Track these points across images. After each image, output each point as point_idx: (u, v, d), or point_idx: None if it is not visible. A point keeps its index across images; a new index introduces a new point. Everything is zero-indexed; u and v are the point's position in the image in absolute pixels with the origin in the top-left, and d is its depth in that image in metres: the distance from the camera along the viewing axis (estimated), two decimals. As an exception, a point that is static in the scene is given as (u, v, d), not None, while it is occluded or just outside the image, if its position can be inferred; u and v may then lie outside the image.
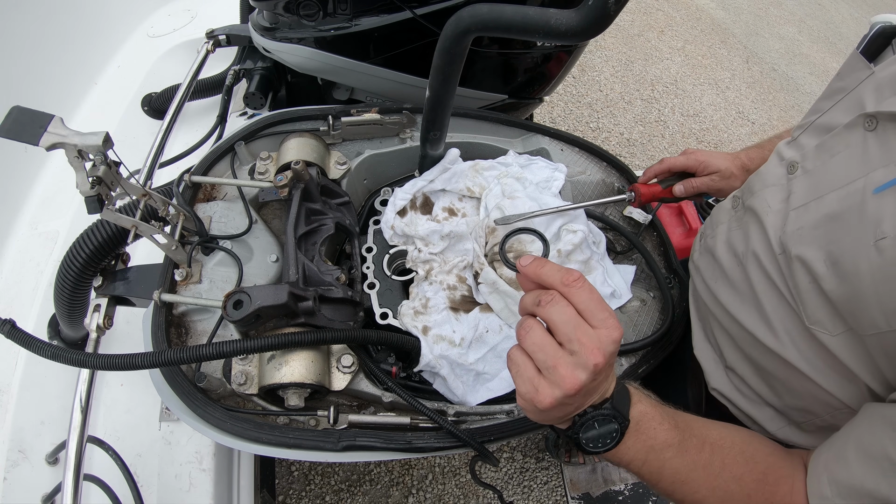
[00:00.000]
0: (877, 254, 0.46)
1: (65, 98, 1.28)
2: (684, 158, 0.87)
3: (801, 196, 0.59)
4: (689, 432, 0.53)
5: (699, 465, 0.52)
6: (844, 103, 0.59)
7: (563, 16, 0.51)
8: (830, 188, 0.55)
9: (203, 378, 0.66)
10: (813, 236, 0.55)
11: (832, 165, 0.57)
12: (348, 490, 1.57)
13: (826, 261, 0.52)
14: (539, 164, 0.95)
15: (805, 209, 0.57)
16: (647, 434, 0.51)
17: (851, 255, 0.49)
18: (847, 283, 0.49)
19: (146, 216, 0.69)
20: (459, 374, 0.73)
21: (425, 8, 0.94)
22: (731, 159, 0.85)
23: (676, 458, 0.51)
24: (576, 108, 2.84)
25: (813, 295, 0.54)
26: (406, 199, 0.87)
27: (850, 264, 0.49)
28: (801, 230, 0.57)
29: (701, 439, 0.53)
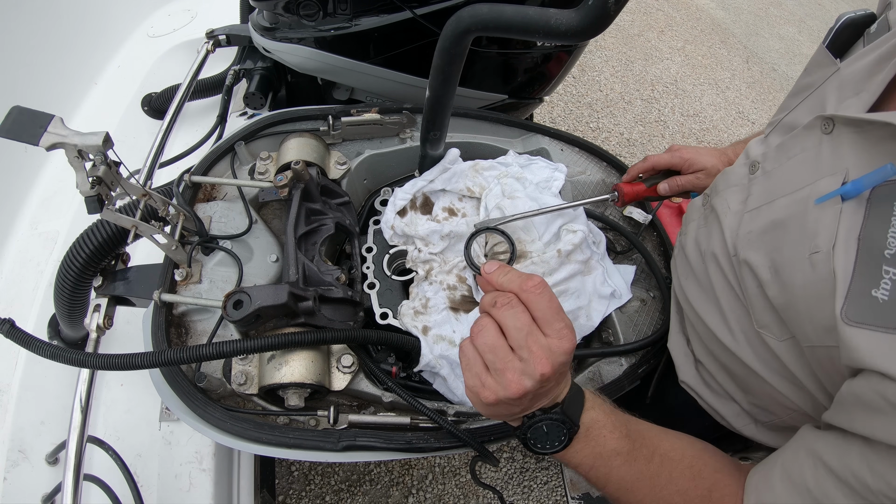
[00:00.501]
0: (810, 268, 0.46)
1: (65, 98, 1.28)
2: (669, 156, 0.85)
3: (757, 199, 0.58)
4: (640, 442, 0.53)
5: (646, 475, 0.52)
6: (809, 101, 0.58)
7: (563, 16, 0.51)
8: (782, 193, 0.54)
9: (203, 378, 0.66)
10: (760, 241, 0.54)
11: (787, 169, 0.55)
12: (348, 490, 1.57)
13: (770, 267, 0.51)
14: (539, 164, 0.95)
15: (757, 213, 0.57)
16: (596, 441, 0.51)
17: (790, 265, 0.48)
18: (786, 293, 0.49)
19: (146, 216, 0.69)
20: (459, 374, 0.73)
21: (425, 8, 0.94)
22: (718, 155, 0.83)
23: (624, 466, 0.52)
24: (576, 108, 2.83)
25: (759, 299, 0.53)
26: (406, 199, 0.87)
27: (788, 275, 0.48)
28: (750, 234, 0.56)
29: (651, 450, 0.53)
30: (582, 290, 0.81)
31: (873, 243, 0.42)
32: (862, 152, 0.47)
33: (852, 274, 0.42)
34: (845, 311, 0.42)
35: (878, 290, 0.40)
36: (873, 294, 0.40)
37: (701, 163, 0.82)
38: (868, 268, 0.42)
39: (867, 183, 0.43)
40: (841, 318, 0.41)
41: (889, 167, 0.42)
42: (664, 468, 0.53)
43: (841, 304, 0.42)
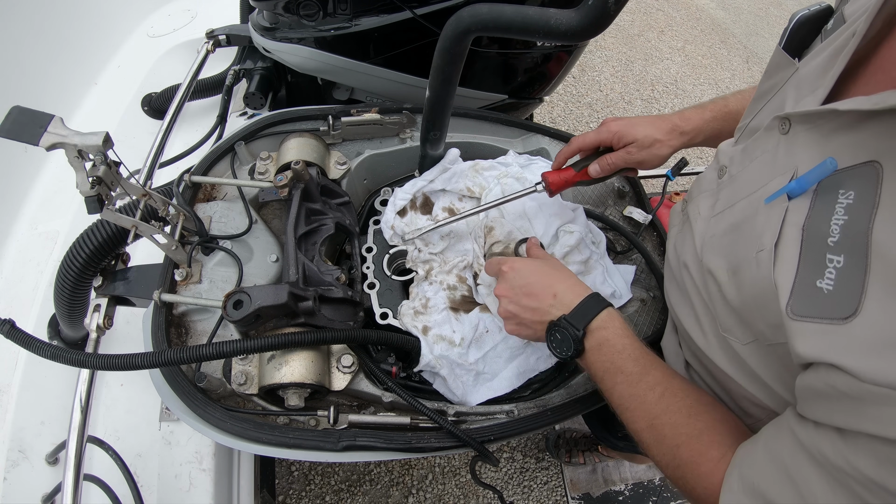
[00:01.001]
0: (756, 266, 0.46)
1: (65, 98, 1.28)
2: (595, 133, 0.78)
3: (722, 203, 0.58)
4: (647, 371, 0.58)
5: (644, 401, 0.56)
6: (771, 104, 0.57)
7: (563, 16, 0.51)
8: (741, 196, 0.54)
9: (203, 378, 0.66)
10: (720, 245, 0.54)
11: (749, 172, 0.55)
12: (348, 490, 1.57)
13: (728, 270, 0.52)
14: (539, 164, 0.95)
15: (720, 217, 0.57)
16: (605, 356, 0.60)
17: (744, 266, 0.48)
18: (741, 294, 0.49)
19: (146, 216, 0.69)
20: (459, 374, 0.73)
21: (425, 8, 0.94)
22: (658, 123, 0.76)
23: (625, 386, 0.58)
24: (576, 108, 2.83)
25: (721, 304, 0.54)
26: (406, 199, 0.87)
27: (742, 275, 0.49)
28: (713, 238, 0.56)
29: (657, 381, 0.57)
30: (582, 290, 0.81)
31: (817, 233, 0.42)
32: (813, 148, 0.46)
33: (797, 267, 0.42)
34: (791, 306, 0.41)
35: (822, 280, 0.40)
36: (818, 285, 0.40)
37: (631, 135, 0.75)
38: (812, 258, 0.41)
39: (811, 179, 0.43)
40: (787, 313, 0.41)
41: (829, 161, 0.42)
42: (664, 399, 0.56)
43: (786, 300, 0.42)
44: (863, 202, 0.40)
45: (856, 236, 0.39)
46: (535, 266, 0.68)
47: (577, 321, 0.61)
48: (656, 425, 0.55)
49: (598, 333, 0.60)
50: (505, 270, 0.68)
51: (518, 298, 0.66)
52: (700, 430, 0.53)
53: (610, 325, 0.61)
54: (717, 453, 0.51)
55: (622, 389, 0.58)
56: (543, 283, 0.65)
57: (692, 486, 0.52)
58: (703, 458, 0.52)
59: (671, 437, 0.54)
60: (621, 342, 0.60)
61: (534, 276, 0.66)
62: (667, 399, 0.56)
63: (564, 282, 0.66)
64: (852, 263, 0.38)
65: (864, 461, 0.36)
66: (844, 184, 0.41)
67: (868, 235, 0.38)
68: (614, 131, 0.76)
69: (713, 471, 0.50)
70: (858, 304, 0.37)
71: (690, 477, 0.52)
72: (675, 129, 0.76)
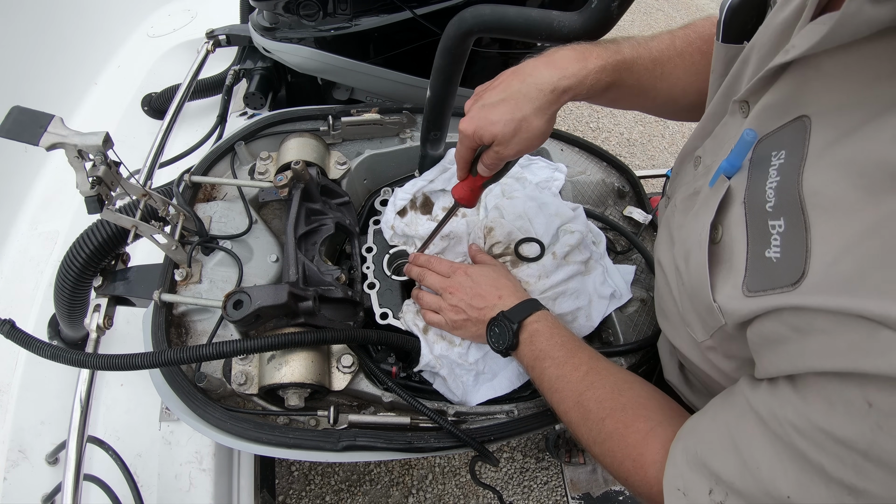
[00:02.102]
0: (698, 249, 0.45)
1: (65, 98, 1.28)
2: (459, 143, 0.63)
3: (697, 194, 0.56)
4: (575, 355, 0.61)
5: (570, 380, 0.59)
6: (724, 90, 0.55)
7: (566, 18, 0.51)
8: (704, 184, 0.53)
9: (203, 378, 0.66)
10: (684, 233, 0.53)
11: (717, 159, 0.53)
12: (348, 490, 1.57)
13: (684, 258, 0.51)
14: (539, 164, 0.95)
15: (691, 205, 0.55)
16: (535, 346, 0.63)
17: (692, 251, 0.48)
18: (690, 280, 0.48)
19: (146, 216, 0.69)
20: (459, 374, 0.73)
21: (425, 8, 0.94)
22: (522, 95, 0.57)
23: (553, 368, 0.61)
24: (576, 108, 2.83)
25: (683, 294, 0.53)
26: (406, 199, 0.87)
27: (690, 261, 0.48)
28: (681, 228, 0.55)
29: (582, 361, 0.60)
30: (582, 290, 0.81)
31: (756, 203, 0.41)
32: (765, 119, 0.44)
33: (747, 243, 0.41)
34: (746, 283, 0.40)
35: (769, 249, 0.38)
36: (766, 255, 0.38)
37: (489, 132, 0.57)
38: (757, 230, 0.40)
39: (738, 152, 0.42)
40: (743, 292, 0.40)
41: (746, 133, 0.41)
42: (588, 377, 0.58)
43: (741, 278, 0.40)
44: (792, 158, 0.39)
45: (789, 195, 0.38)
46: (486, 272, 0.74)
47: (514, 316, 0.66)
48: (581, 402, 0.56)
49: (530, 326, 0.65)
50: (461, 272, 0.74)
51: (469, 297, 0.71)
52: (624, 405, 0.54)
53: (542, 320, 0.66)
54: (645, 425, 0.51)
55: (550, 372, 0.61)
56: (493, 284, 0.72)
57: (620, 459, 0.51)
58: (629, 429, 0.51)
59: (596, 412, 0.55)
60: (550, 331, 0.64)
61: (484, 280, 0.73)
62: (591, 376, 0.58)
63: (509, 286, 0.72)
64: (792, 224, 0.37)
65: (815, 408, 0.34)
66: (777, 144, 0.41)
67: (799, 190, 0.37)
68: (468, 132, 0.59)
69: (641, 442, 0.50)
70: (805, 266, 0.35)
71: (617, 449, 0.52)
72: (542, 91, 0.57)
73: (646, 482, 0.48)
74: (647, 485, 0.48)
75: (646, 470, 0.48)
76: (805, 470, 0.34)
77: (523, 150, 0.60)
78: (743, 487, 0.38)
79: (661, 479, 0.46)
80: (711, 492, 0.41)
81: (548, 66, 0.57)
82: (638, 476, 0.49)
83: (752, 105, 0.47)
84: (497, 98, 0.58)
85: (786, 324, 0.36)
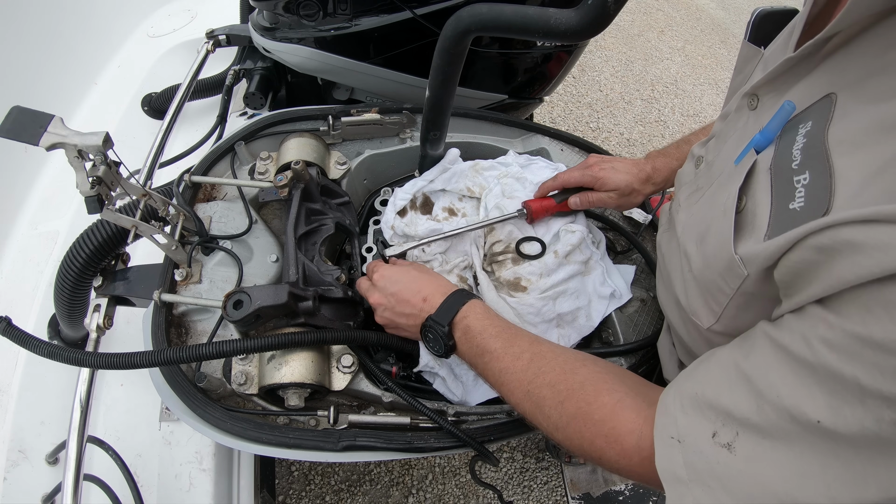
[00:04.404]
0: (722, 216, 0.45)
1: (65, 98, 1.28)
2: (579, 174, 0.83)
3: (702, 189, 0.58)
4: (514, 344, 0.59)
5: (513, 370, 0.57)
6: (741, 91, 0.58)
7: (563, 15, 0.51)
8: (717, 175, 0.54)
9: (203, 378, 0.66)
10: (693, 222, 0.54)
11: (723, 152, 0.56)
12: (348, 490, 1.57)
13: (696, 241, 0.51)
14: (539, 164, 0.95)
15: (701, 200, 0.57)
16: (471, 342, 0.61)
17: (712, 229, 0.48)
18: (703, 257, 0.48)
19: (146, 216, 0.69)
20: (459, 374, 0.73)
21: (425, 8, 0.94)
22: (635, 171, 0.82)
23: (493, 362, 0.59)
24: (576, 108, 2.83)
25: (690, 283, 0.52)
26: (406, 199, 0.87)
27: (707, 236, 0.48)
28: (690, 219, 0.56)
29: (523, 350, 0.58)
30: (582, 290, 0.81)
31: (783, 165, 0.41)
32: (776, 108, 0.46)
33: (771, 202, 0.41)
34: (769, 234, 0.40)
35: (793, 202, 0.39)
36: (790, 207, 0.39)
37: (613, 183, 0.81)
38: (782, 188, 0.41)
39: (773, 126, 0.43)
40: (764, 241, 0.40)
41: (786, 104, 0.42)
42: (533, 364, 0.56)
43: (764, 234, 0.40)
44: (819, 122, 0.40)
45: (815, 149, 0.39)
46: (403, 271, 0.70)
47: (442, 318, 0.63)
48: (532, 391, 0.54)
49: (461, 324, 0.63)
50: (376, 279, 0.70)
51: (392, 305, 0.68)
52: (582, 382, 0.52)
53: (470, 313, 0.63)
54: (610, 399, 0.49)
55: (492, 367, 0.59)
56: (413, 288, 0.67)
57: (590, 438, 0.49)
58: (592, 406, 0.50)
59: (551, 397, 0.53)
60: (481, 324, 0.62)
61: (403, 283, 0.68)
62: (536, 363, 0.56)
63: (431, 284, 0.68)
64: (817, 174, 0.38)
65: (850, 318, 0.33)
66: (803, 119, 0.42)
67: (825, 142, 0.38)
68: (599, 177, 0.81)
69: (610, 416, 0.48)
70: (830, 201, 0.35)
71: (584, 428, 0.50)
72: (648, 179, 0.82)
73: (624, 454, 0.47)
74: (625, 457, 0.47)
75: (621, 442, 0.47)
76: (836, 391, 0.33)
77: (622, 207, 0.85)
78: (760, 420, 0.37)
79: (641, 446, 0.45)
80: (715, 434, 0.39)
81: (648, 163, 0.84)
82: (613, 451, 0.48)
83: (762, 97, 0.50)
84: (619, 165, 0.82)
85: (814, 248, 0.35)
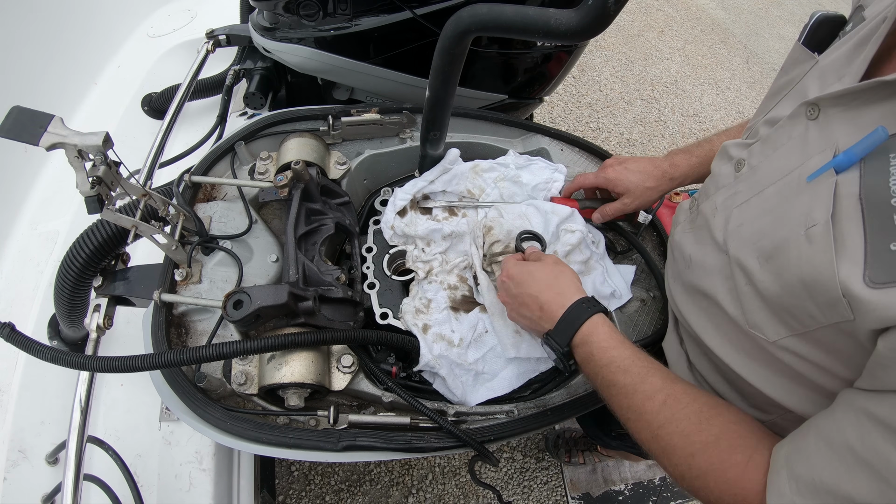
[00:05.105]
0: (807, 242, 0.45)
1: (65, 98, 1.28)
2: (594, 177, 0.86)
3: (745, 193, 0.58)
4: (644, 380, 0.57)
5: (643, 412, 0.55)
6: (790, 96, 0.58)
7: (563, 16, 0.51)
8: (770, 182, 0.54)
9: (203, 378, 0.66)
10: (750, 232, 0.53)
11: (775, 159, 0.55)
12: (348, 490, 1.57)
13: (759, 257, 0.50)
14: (539, 165, 0.95)
15: (747, 205, 0.56)
16: (594, 371, 0.60)
17: (783, 248, 0.47)
18: (779, 279, 0.48)
19: (146, 216, 0.69)
20: (459, 374, 0.73)
21: (425, 8, 0.94)
22: (650, 170, 0.83)
23: (621, 398, 0.57)
24: (576, 108, 2.83)
25: (751, 297, 0.52)
26: (406, 199, 0.87)
27: (782, 257, 0.48)
28: (741, 227, 0.55)
29: (657, 389, 0.56)
30: (582, 290, 0.81)
31: (877, 199, 0.41)
32: (850, 125, 0.46)
33: (864, 237, 0.41)
34: (868, 276, 0.40)
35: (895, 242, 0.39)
36: (892, 248, 0.39)
37: (624, 184, 0.83)
38: (878, 224, 0.40)
39: (860, 150, 0.43)
40: (865, 283, 0.40)
41: (880, 130, 0.41)
42: (666, 408, 0.54)
43: (861, 271, 0.40)
44: None
45: None
46: (527, 272, 0.69)
47: (560, 338, 0.62)
48: (661, 436, 0.53)
49: (581, 350, 0.61)
50: (502, 278, 0.72)
51: (515, 307, 0.69)
52: (716, 436, 0.51)
53: (593, 340, 0.61)
54: (742, 457, 0.49)
55: (619, 402, 0.57)
56: (531, 293, 0.67)
57: (718, 495, 0.49)
58: (726, 464, 0.49)
59: (682, 447, 0.52)
60: (606, 356, 0.59)
61: (524, 285, 0.68)
62: (670, 407, 0.54)
63: (551, 289, 0.66)
64: None
65: None
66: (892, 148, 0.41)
67: None
68: (610, 179, 0.84)
69: (741, 476, 0.48)
70: None
71: (714, 486, 0.50)
72: (664, 175, 0.83)
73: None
74: None
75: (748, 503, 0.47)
76: None
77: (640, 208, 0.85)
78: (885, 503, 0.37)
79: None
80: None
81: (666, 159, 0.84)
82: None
83: (825, 109, 0.49)
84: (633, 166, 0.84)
85: None
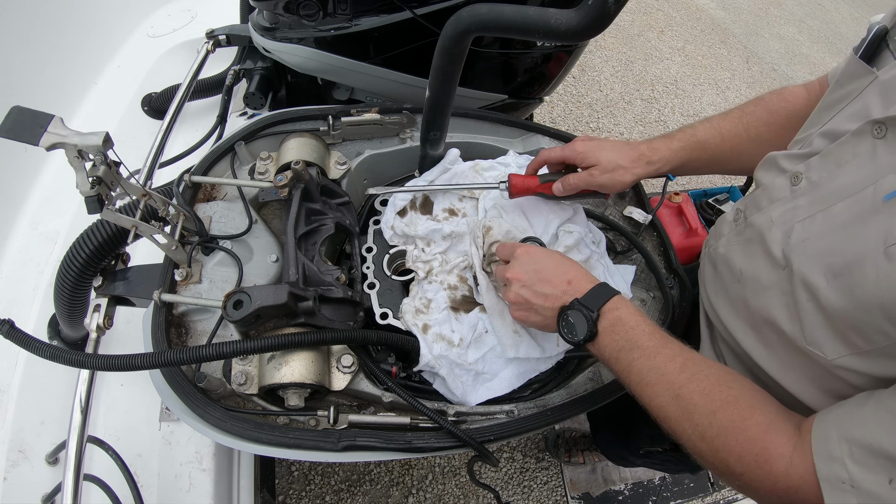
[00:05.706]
0: (886, 260, 0.45)
1: (65, 98, 1.28)
2: (560, 150, 0.79)
3: (808, 208, 0.57)
4: (666, 344, 0.57)
5: (665, 372, 0.55)
6: (848, 111, 0.57)
7: (563, 16, 0.51)
8: (838, 198, 0.53)
9: (203, 378, 0.66)
10: (817, 248, 0.53)
11: (840, 175, 0.55)
12: (348, 490, 1.57)
13: (826, 273, 0.51)
14: (539, 164, 0.95)
15: (811, 220, 0.56)
16: (619, 335, 0.60)
17: (858, 264, 0.48)
18: (850, 296, 0.48)
19: (146, 216, 0.69)
20: (459, 374, 0.73)
21: (425, 8, 0.94)
22: (625, 150, 0.77)
23: (643, 360, 0.57)
24: (576, 108, 2.83)
25: (811, 312, 0.52)
26: (406, 199, 0.87)
27: (856, 274, 0.48)
28: (805, 242, 0.55)
29: (676, 353, 0.56)
30: (582, 290, 0.81)
31: None
32: None
33: None
34: None
35: None
36: None
37: (595, 157, 0.76)
38: None
39: None
40: None
41: None
42: (687, 369, 0.54)
43: None
44: None
45: None
46: (550, 253, 0.70)
47: (591, 304, 0.62)
48: (683, 395, 0.53)
49: (610, 315, 0.61)
50: (519, 254, 0.70)
51: (532, 283, 0.67)
52: (736, 396, 0.51)
53: (622, 307, 0.62)
54: (763, 418, 0.50)
55: (640, 364, 0.57)
56: (558, 269, 0.67)
57: (738, 454, 0.49)
58: (747, 422, 0.50)
59: (703, 405, 0.52)
60: (634, 319, 0.60)
61: (549, 262, 0.68)
62: (690, 368, 0.55)
63: (576, 269, 0.67)
64: None
65: None
66: None
67: None
68: (580, 151, 0.77)
69: (763, 435, 0.49)
70: None
71: (735, 444, 0.50)
72: (641, 157, 0.77)
73: (770, 476, 0.48)
74: (770, 479, 0.48)
75: (771, 464, 0.48)
76: None
77: (606, 187, 0.78)
78: None
79: (790, 474, 0.46)
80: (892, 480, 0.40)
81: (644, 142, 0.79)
82: (761, 471, 0.48)
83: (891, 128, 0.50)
84: (607, 144, 0.78)
85: None
